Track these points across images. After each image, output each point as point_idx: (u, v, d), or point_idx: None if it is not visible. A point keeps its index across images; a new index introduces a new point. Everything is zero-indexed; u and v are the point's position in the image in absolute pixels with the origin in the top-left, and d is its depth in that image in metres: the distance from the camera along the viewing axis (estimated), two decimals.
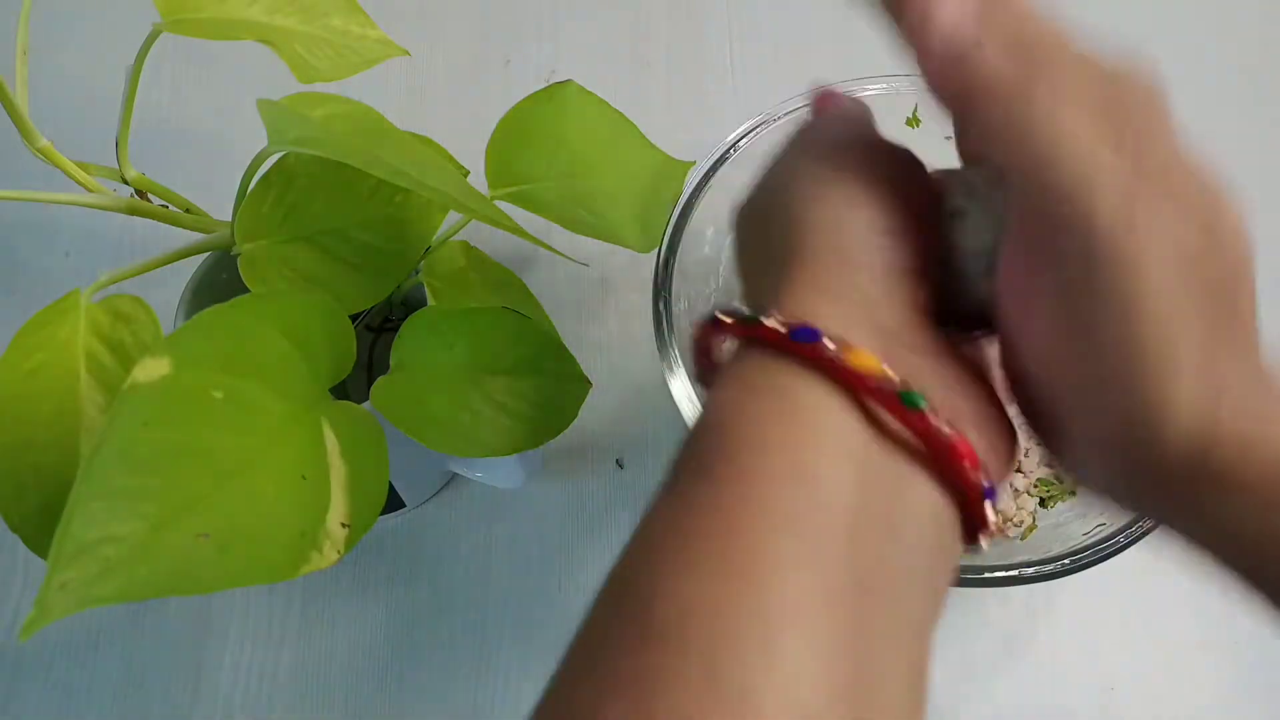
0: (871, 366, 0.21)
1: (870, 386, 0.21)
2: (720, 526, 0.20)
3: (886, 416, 0.22)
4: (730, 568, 0.19)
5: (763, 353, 0.23)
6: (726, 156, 0.42)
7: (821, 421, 0.22)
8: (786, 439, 0.21)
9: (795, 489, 0.20)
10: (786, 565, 0.19)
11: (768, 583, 0.19)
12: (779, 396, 0.22)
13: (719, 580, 0.19)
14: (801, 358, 0.22)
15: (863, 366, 0.21)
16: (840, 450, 0.21)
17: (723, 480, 0.21)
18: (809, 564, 0.20)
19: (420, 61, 0.59)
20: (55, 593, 0.24)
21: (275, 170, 0.36)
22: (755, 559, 0.19)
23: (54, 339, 0.33)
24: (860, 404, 0.22)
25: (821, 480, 0.21)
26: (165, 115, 0.57)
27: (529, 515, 0.47)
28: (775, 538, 0.20)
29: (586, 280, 0.53)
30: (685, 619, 0.19)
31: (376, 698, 0.44)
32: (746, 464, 0.21)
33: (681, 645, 0.19)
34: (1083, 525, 0.38)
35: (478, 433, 0.34)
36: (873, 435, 0.22)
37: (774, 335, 0.22)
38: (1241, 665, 0.44)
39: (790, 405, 0.22)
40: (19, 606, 0.45)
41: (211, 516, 0.27)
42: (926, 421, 0.21)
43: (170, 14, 0.36)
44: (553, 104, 0.44)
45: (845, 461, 0.21)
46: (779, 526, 0.20)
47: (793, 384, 0.22)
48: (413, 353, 0.35)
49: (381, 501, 0.32)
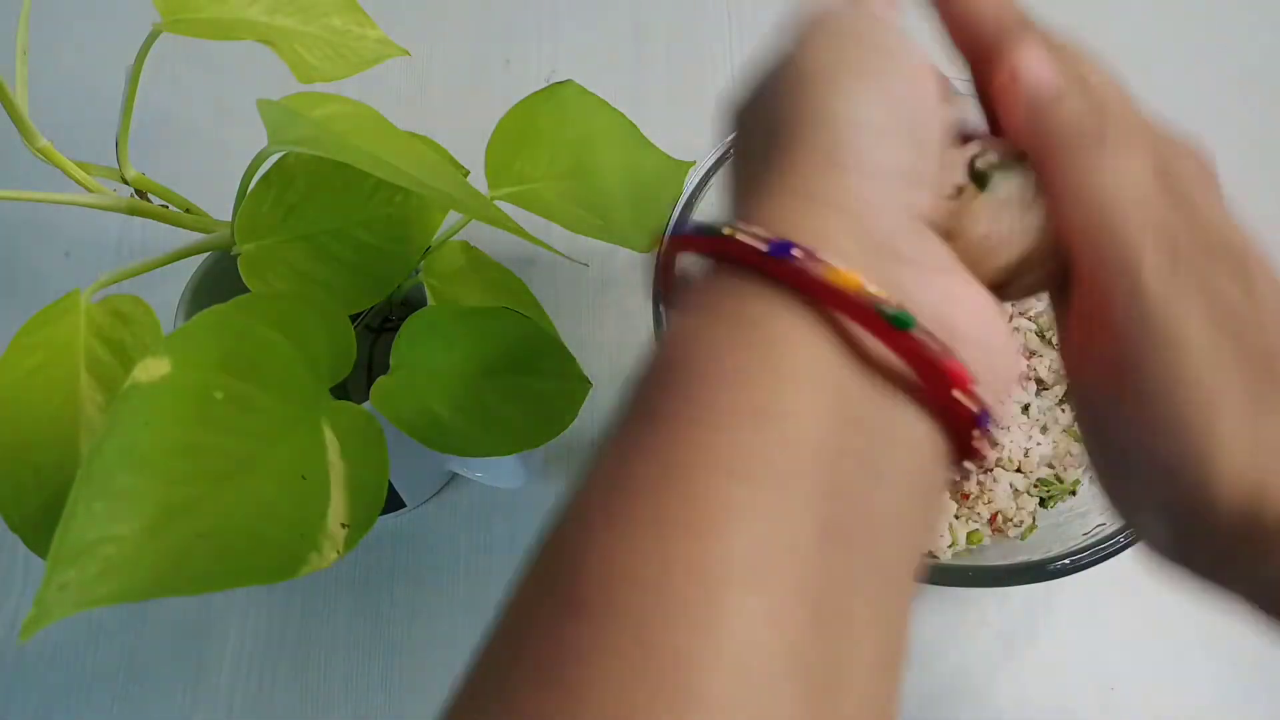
0: (851, 282, 0.19)
1: (850, 304, 0.19)
2: (660, 474, 0.18)
3: (869, 339, 0.20)
4: (669, 521, 0.17)
5: (731, 272, 0.20)
6: (726, 156, 0.42)
7: (792, 348, 0.19)
8: (748, 370, 0.19)
9: (755, 427, 0.18)
10: (738, 515, 0.17)
11: (714, 536, 0.17)
12: (743, 322, 0.19)
13: (655, 537, 0.17)
14: (774, 277, 0.19)
15: (841, 282, 0.19)
16: (813, 380, 0.19)
17: (667, 420, 0.18)
18: (766, 513, 0.17)
19: (420, 61, 0.59)
20: (55, 593, 0.24)
21: (275, 170, 0.36)
22: (699, 509, 0.17)
23: (54, 339, 0.33)
24: (839, 327, 0.20)
25: (788, 416, 0.18)
26: (165, 115, 0.57)
27: (529, 515, 0.47)
28: (725, 483, 0.17)
29: (586, 280, 0.53)
30: (615, 584, 0.16)
31: (377, 697, 0.44)
32: (699, 401, 0.18)
33: (610, 614, 0.16)
34: (1083, 525, 0.38)
35: (477, 433, 0.34)
36: (852, 362, 0.20)
37: (745, 251, 0.19)
38: (1241, 665, 0.44)
39: (757, 332, 0.19)
40: (19, 606, 0.45)
41: (211, 516, 0.27)
42: (913, 341, 0.19)
43: (170, 14, 0.36)
44: (553, 104, 0.44)
45: (819, 393, 0.19)
46: (732, 471, 0.17)
47: (761, 307, 0.19)
48: (413, 353, 0.35)
49: (381, 501, 0.32)
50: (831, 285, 0.19)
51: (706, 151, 0.42)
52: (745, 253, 0.19)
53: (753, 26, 0.61)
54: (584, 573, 0.17)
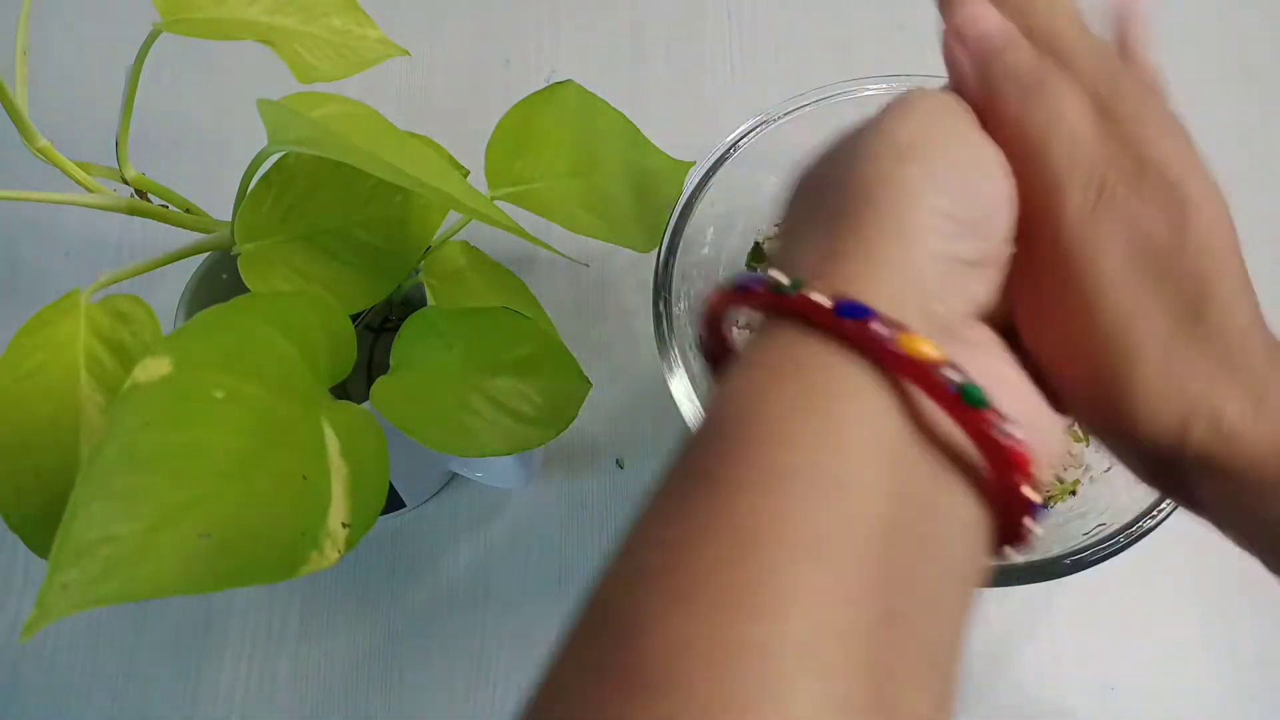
0: (930, 354, 0.18)
1: (924, 375, 0.18)
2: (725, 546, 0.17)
3: (935, 413, 0.19)
4: (734, 599, 0.16)
5: (794, 329, 0.20)
6: (726, 156, 0.42)
7: (857, 414, 0.18)
8: (816, 436, 0.18)
9: (820, 499, 0.17)
10: (803, 597, 0.16)
11: (783, 618, 0.16)
12: (808, 382, 0.19)
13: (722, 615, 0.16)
14: (843, 337, 0.19)
15: (920, 353, 0.18)
16: (876, 450, 0.18)
17: (730, 486, 0.18)
18: (830, 594, 0.17)
19: (420, 61, 0.59)
20: (56, 593, 0.24)
21: (275, 170, 0.36)
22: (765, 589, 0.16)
23: (54, 339, 0.33)
24: (903, 397, 0.19)
25: (851, 488, 0.18)
26: (165, 115, 0.57)
27: (529, 515, 0.47)
28: (792, 563, 0.17)
29: (586, 280, 0.53)
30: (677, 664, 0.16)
31: (376, 698, 0.44)
32: (761, 465, 0.18)
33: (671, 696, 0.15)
34: (1083, 525, 0.38)
35: (478, 433, 0.34)
36: (913, 433, 0.19)
37: (811, 308, 0.19)
38: (1241, 665, 0.44)
39: (821, 393, 0.19)
40: (20, 607, 0.45)
41: (211, 516, 0.27)
42: (987, 423, 0.19)
43: (170, 14, 0.36)
44: (553, 104, 0.44)
45: (880, 464, 0.18)
46: (798, 547, 0.17)
47: (828, 367, 0.19)
48: (413, 353, 0.35)
49: (381, 501, 0.32)
50: (907, 355, 0.18)
51: (706, 151, 0.42)
52: (814, 311, 0.19)
53: (753, 26, 0.61)
54: (644, 650, 0.16)
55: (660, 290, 0.40)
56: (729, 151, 0.42)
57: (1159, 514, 0.36)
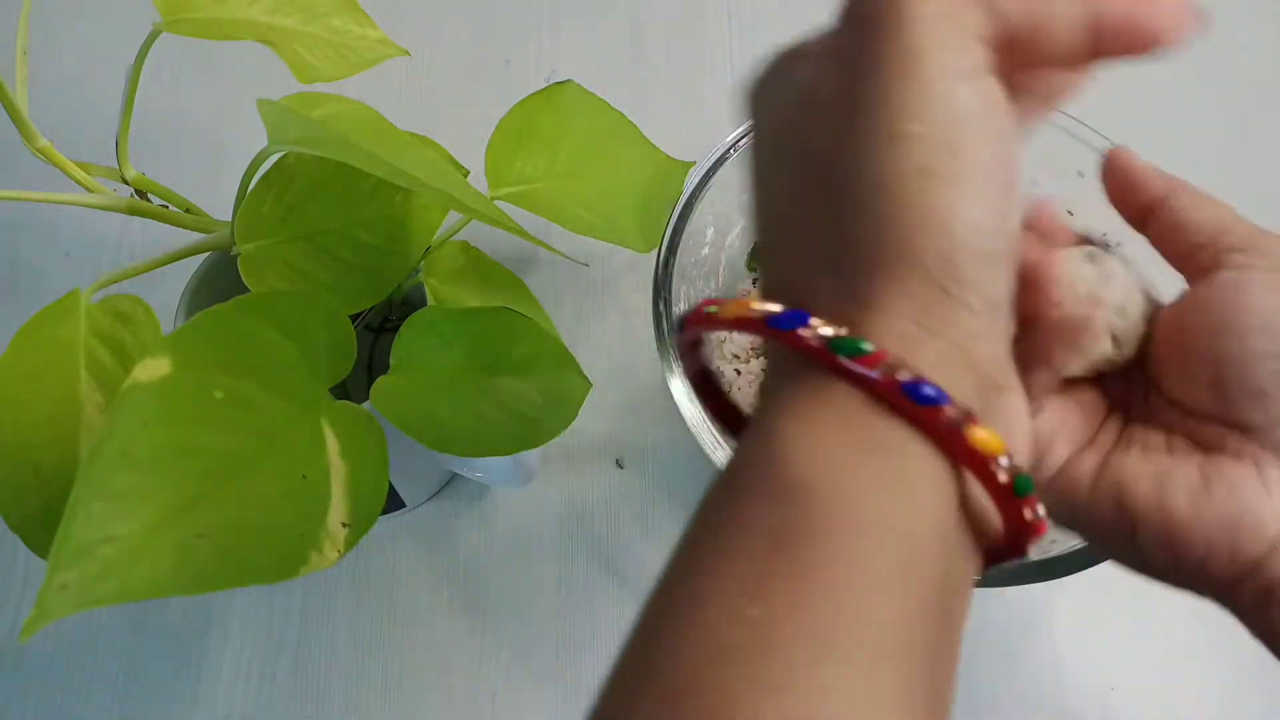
0: (991, 445, 0.18)
1: (984, 469, 0.18)
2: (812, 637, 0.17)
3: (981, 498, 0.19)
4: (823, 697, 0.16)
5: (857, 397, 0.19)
6: (726, 156, 0.42)
7: (930, 502, 0.18)
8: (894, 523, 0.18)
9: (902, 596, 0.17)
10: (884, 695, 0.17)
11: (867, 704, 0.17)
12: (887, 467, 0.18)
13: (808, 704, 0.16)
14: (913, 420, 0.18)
15: (983, 444, 0.18)
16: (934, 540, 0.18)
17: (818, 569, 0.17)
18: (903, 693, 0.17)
19: (420, 61, 0.59)
20: (56, 593, 0.24)
21: (275, 170, 0.36)
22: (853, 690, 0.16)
23: (54, 339, 0.33)
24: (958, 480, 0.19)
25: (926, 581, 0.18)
26: (165, 115, 0.57)
27: (529, 515, 0.47)
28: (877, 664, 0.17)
29: (586, 280, 0.53)
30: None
31: (376, 698, 0.44)
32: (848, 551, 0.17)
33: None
34: None
35: (478, 433, 0.34)
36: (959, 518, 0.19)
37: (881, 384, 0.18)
38: (1241, 665, 0.44)
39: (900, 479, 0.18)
40: (19, 607, 0.45)
41: (211, 516, 0.27)
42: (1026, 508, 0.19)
43: (170, 14, 0.36)
44: (553, 104, 0.44)
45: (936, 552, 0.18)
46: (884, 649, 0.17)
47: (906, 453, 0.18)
48: (413, 353, 0.35)
49: (381, 501, 0.32)
50: (974, 447, 0.18)
51: (706, 151, 0.42)
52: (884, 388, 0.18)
53: (753, 26, 0.61)
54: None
55: (660, 290, 0.40)
56: (729, 151, 0.42)
57: None
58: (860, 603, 0.17)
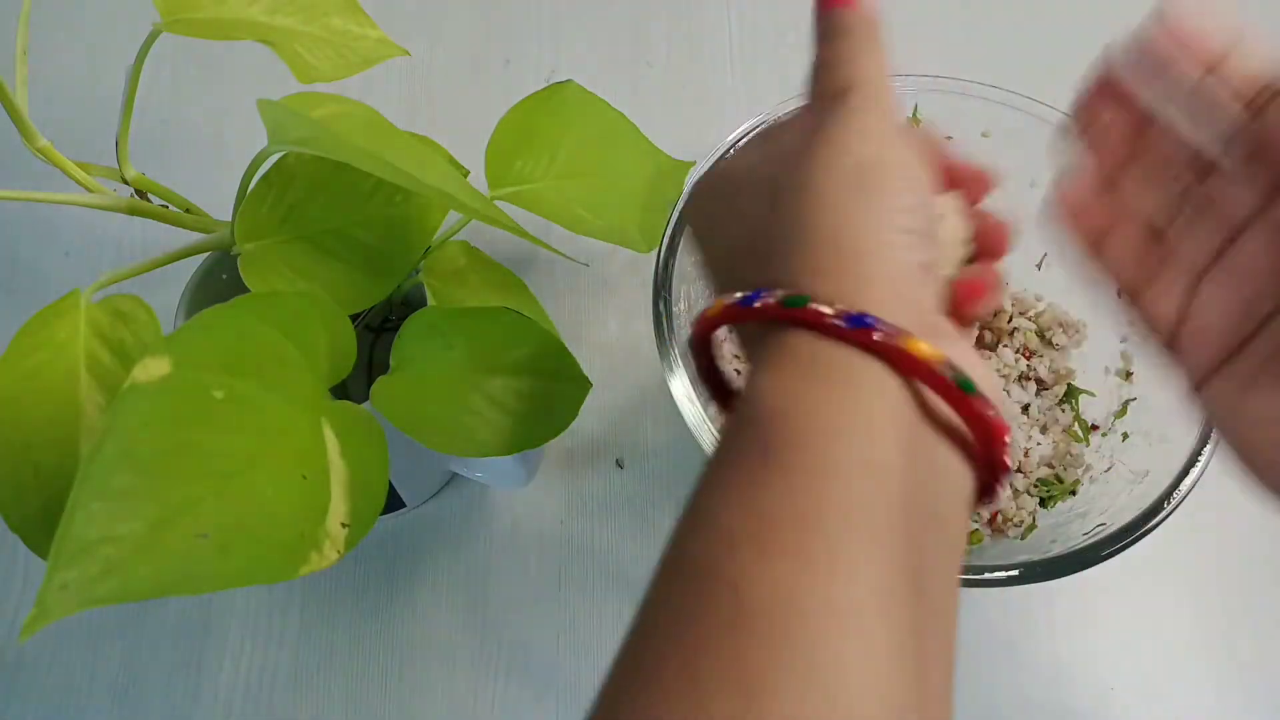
0: (930, 353, 0.22)
1: (927, 371, 0.22)
2: (800, 518, 0.20)
3: (935, 400, 0.23)
4: (816, 561, 0.20)
5: (810, 336, 0.23)
6: (726, 156, 0.42)
7: (879, 408, 0.22)
8: (851, 428, 0.21)
9: (864, 482, 0.21)
10: (866, 563, 0.20)
11: (853, 578, 0.20)
12: (838, 382, 0.22)
13: (809, 573, 0.19)
14: (856, 344, 0.22)
15: (922, 353, 0.22)
16: (896, 436, 0.22)
17: (796, 470, 0.21)
18: (882, 560, 0.20)
19: (420, 61, 0.59)
20: (56, 592, 0.24)
21: (275, 170, 0.36)
22: (838, 554, 0.20)
23: (54, 339, 0.33)
24: (910, 389, 0.23)
25: (884, 472, 0.21)
26: (165, 115, 0.57)
27: (529, 515, 0.47)
28: (852, 535, 0.20)
29: (586, 280, 0.53)
30: (784, 611, 0.19)
31: (376, 697, 0.44)
32: (816, 452, 0.21)
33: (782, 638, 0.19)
34: (1083, 525, 0.38)
35: (478, 433, 0.34)
36: (920, 419, 0.23)
37: (824, 320, 0.22)
38: (1240, 665, 0.44)
39: (850, 391, 0.22)
40: (19, 606, 0.45)
41: (211, 516, 0.27)
42: (977, 405, 0.23)
43: (170, 14, 0.36)
44: (553, 104, 0.44)
45: (900, 448, 0.22)
46: (855, 524, 0.20)
47: (850, 369, 0.22)
48: (413, 353, 0.35)
49: (381, 501, 0.32)
50: (913, 354, 0.22)
51: (706, 151, 0.42)
52: (823, 322, 0.22)
53: (753, 26, 0.61)
54: (748, 600, 0.19)
55: (660, 290, 0.40)
56: (729, 152, 0.42)
57: (1159, 514, 0.36)
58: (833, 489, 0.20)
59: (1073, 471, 0.44)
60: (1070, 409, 0.45)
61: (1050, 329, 0.47)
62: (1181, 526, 0.36)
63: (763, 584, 0.19)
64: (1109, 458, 0.43)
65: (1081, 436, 0.45)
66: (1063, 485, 0.44)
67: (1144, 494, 0.37)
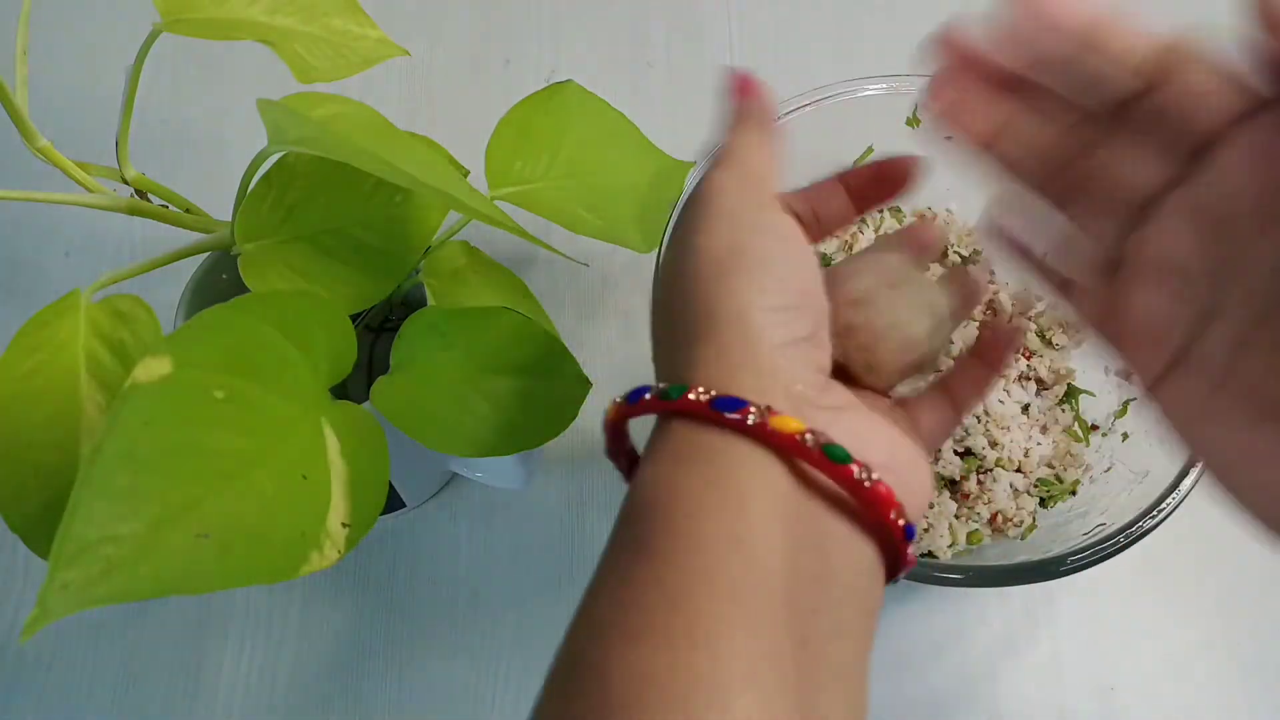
0: (795, 427, 0.23)
1: (796, 445, 0.23)
2: (664, 598, 0.21)
3: (813, 472, 0.24)
4: (678, 636, 0.20)
5: (686, 424, 0.24)
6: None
7: (750, 484, 0.23)
8: (719, 505, 0.22)
9: (730, 555, 0.22)
10: (728, 629, 0.20)
11: (717, 648, 0.20)
12: (707, 464, 0.23)
13: (670, 649, 0.20)
14: (725, 426, 0.23)
15: (786, 428, 0.23)
16: (769, 511, 0.23)
17: (662, 554, 0.22)
18: (751, 627, 0.21)
19: (420, 61, 0.59)
20: (56, 592, 0.24)
21: (275, 170, 0.36)
22: (701, 626, 0.20)
23: (54, 339, 0.33)
24: (786, 463, 0.24)
25: (755, 543, 0.22)
26: (165, 115, 0.57)
27: (529, 515, 0.47)
28: (717, 605, 0.21)
29: (586, 280, 0.53)
30: (642, 688, 0.20)
31: (376, 698, 0.44)
32: (683, 533, 0.22)
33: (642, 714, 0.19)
34: (1083, 525, 0.38)
35: (478, 433, 0.34)
36: (799, 492, 0.24)
37: (696, 406, 0.23)
38: (1241, 665, 0.44)
39: (719, 471, 0.23)
40: (19, 606, 0.45)
41: (211, 516, 0.27)
42: (850, 473, 0.23)
43: (170, 14, 0.36)
44: (553, 104, 0.44)
45: (775, 522, 0.23)
46: (720, 594, 0.21)
47: (720, 451, 0.23)
48: (413, 353, 0.35)
49: (381, 501, 0.32)
50: (780, 432, 0.23)
51: (706, 151, 0.42)
52: (697, 409, 0.23)
53: (753, 26, 0.61)
54: (613, 680, 0.20)
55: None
56: None
57: (1159, 514, 0.36)
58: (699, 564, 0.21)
59: (1073, 471, 0.44)
60: (1070, 409, 0.45)
61: (1050, 329, 0.47)
62: (1181, 526, 0.36)
63: (624, 666, 0.20)
64: (1109, 458, 0.43)
65: (1081, 436, 0.45)
66: (1063, 485, 0.44)
67: (1144, 494, 0.37)
